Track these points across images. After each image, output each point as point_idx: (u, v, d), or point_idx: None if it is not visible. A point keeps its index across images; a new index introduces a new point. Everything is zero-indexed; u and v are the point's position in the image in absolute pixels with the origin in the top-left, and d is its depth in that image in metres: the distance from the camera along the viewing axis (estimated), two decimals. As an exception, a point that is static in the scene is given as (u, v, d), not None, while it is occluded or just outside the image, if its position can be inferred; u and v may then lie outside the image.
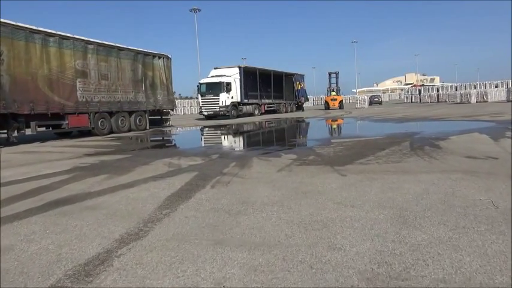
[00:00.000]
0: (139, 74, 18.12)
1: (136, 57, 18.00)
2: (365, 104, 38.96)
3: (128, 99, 17.30)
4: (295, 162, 6.41)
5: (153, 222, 3.38)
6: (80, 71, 14.78)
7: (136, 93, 17.90)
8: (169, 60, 20.54)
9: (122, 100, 16.91)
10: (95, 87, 15.46)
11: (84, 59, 15.01)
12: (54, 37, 13.65)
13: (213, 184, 4.91)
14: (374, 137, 9.91)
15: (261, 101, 32.07)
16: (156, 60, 19.45)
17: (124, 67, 17.13)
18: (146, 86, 18.51)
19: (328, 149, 8.07)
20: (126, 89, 17.16)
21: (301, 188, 4.45)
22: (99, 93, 15.74)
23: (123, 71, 17.06)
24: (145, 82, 18.50)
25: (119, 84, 16.78)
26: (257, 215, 3.45)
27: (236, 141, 12.13)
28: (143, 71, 18.35)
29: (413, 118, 17.59)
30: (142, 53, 18.45)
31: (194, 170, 6.05)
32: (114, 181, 5.44)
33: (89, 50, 15.28)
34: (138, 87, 17.98)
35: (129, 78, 17.45)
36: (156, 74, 19.46)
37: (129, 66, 17.44)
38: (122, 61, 17.06)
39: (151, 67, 18.98)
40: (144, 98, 18.37)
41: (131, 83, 17.57)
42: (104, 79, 15.99)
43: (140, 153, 9.02)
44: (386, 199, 3.78)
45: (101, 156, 8.62)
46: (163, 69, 20.03)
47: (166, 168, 6.47)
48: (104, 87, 16.01)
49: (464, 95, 37.75)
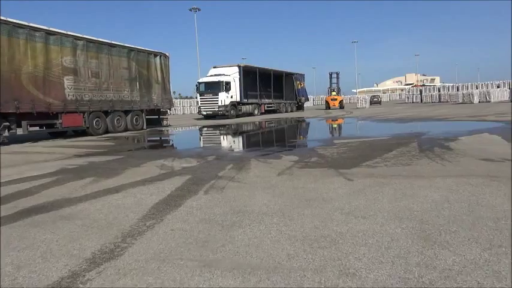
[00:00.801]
0: (133, 72, 17.46)
1: (130, 55, 17.33)
2: (366, 104, 38.49)
3: (120, 98, 16.61)
4: (297, 165, 5.95)
5: (134, 236, 2.91)
6: (68, 68, 14.08)
7: (130, 92, 17.24)
8: (166, 59, 20.04)
9: (114, 99, 16.25)
10: (85, 86, 14.79)
11: (72, 56, 14.28)
12: (39, 32, 12.96)
13: (206, 189, 4.45)
14: (379, 138, 9.45)
15: (261, 100, 31.58)
16: (152, 58, 18.87)
17: (116, 64, 16.44)
18: (141, 85, 17.87)
19: (332, 150, 7.60)
20: (118, 87, 16.50)
21: (304, 195, 3.99)
22: (90, 92, 15.08)
23: (115, 68, 16.37)
24: (140, 80, 17.86)
25: (111, 82, 16.12)
26: (254, 228, 2.98)
27: (235, 142, 11.66)
28: (137, 69, 17.68)
29: (417, 118, 17.13)
30: (136, 50, 17.79)
31: (187, 173, 5.59)
32: (99, 185, 4.98)
33: (78, 46, 14.55)
34: (131, 85, 17.31)
35: (122, 76, 16.77)
36: (152, 72, 18.87)
37: (121, 63, 16.76)
38: (114, 58, 16.36)
39: (146, 65, 18.36)
40: (138, 97, 17.69)
41: (124, 81, 16.91)
42: (94, 77, 15.33)
43: (133, 154, 8.56)
44: (401, 209, 3.32)
45: (91, 157, 8.16)
46: (161, 67, 19.46)
47: (157, 170, 6.01)
48: (95, 86, 15.33)
49: (466, 95, 37.24)
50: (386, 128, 13.65)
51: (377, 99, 54.81)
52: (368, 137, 9.83)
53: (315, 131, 14.93)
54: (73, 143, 12.54)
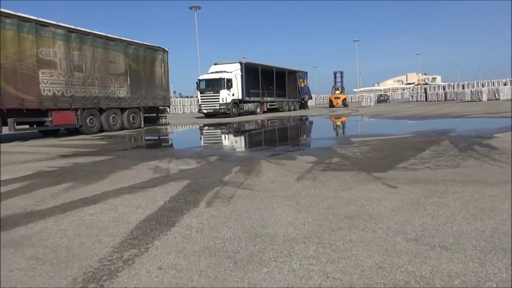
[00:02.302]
0: (122, 66, 15.98)
1: (119, 47, 15.84)
2: (371, 102, 37.46)
3: (107, 94, 15.13)
4: (317, 167, 4.94)
5: (99, 281, 1.90)
6: (44, 60, 12.49)
7: (118, 88, 15.77)
8: (165, 54, 18.98)
9: (100, 95, 14.77)
10: (66, 80, 13.26)
11: (51, 47, 12.73)
12: (11, 19, 11.50)
13: (209, 200, 3.45)
14: (400, 135, 8.44)
15: (263, 98, 30.52)
16: (148, 52, 17.63)
17: (103, 58, 14.96)
18: (132, 80, 16.43)
19: (352, 149, 6.60)
20: (104, 82, 15.08)
21: (340, 209, 2.98)
22: (72, 87, 13.54)
23: (101, 62, 14.90)
24: (131, 76, 16.38)
25: (97, 77, 14.74)
26: (284, 267, 1.98)
27: (239, 141, 10.64)
28: (128, 63, 16.24)
29: (432, 115, 16.09)
30: (125, 42, 16.29)
31: (186, 178, 4.59)
32: (75, 193, 3.98)
33: (57, 37, 12.97)
34: (120, 81, 15.86)
35: (109, 71, 15.27)
36: (147, 67, 17.56)
37: (109, 57, 15.31)
38: (100, 51, 14.86)
39: (139, 59, 17.01)
40: (128, 93, 16.22)
41: (112, 76, 15.43)
42: (77, 71, 13.90)
43: (125, 155, 7.56)
44: (492, 232, 2.31)
45: (77, 158, 7.16)
46: (158, 63, 18.32)
47: (150, 174, 5.01)
48: (78, 80, 13.83)
49: (475, 92, 36.19)
50: (404, 125, 12.62)
51: (384, 98, 54.60)
52: (388, 134, 8.82)
53: (326, 129, 13.88)
54: (63, 142, 11.55)
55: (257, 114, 28.61)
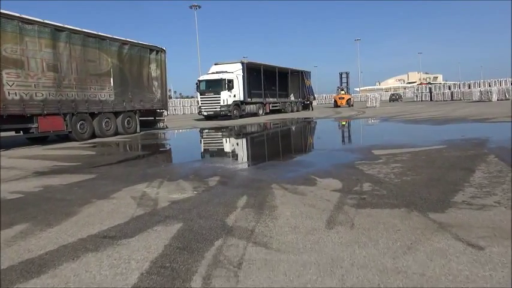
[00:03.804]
0: (104, 65, 14.33)
1: (100, 45, 14.15)
2: (376, 102, 36.19)
3: (86, 97, 13.46)
4: (348, 199, 3.81)
5: None
6: (9, 59, 10.87)
7: (100, 90, 14.11)
8: (161, 54, 17.81)
9: (78, 98, 13.11)
10: (35, 82, 11.59)
11: (18, 44, 11.07)
12: None
13: (207, 271, 2.31)
14: (430, 147, 7.29)
15: (266, 99, 29.38)
16: (134, 50, 15.94)
17: (81, 56, 13.30)
18: (115, 82, 14.76)
19: (380, 167, 5.46)
20: (83, 84, 13.48)
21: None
22: (44, 89, 11.89)
23: (79, 61, 13.24)
24: (115, 76, 14.75)
25: (74, 78, 13.12)
26: None
27: (242, 151, 9.47)
28: (111, 63, 14.62)
29: (449, 119, 14.91)
30: (108, 39, 14.57)
31: (177, 217, 3.46)
32: (21, 250, 2.85)
33: (26, 32, 11.32)
34: (101, 82, 14.22)
35: (88, 71, 13.60)
36: (136, 67, 15.96)
37: (88, 55, 13.62)
38: (78, 48, 13.17)
39: (126, 58, 15.40)
40: (111, 96, 14.59)
41: (92, 77, 13.80)
42: (51, 71, 12.29)
43: (109, 172, 6.42)
44: None
45: (52, 177, 6.04)
46: (152, 62, 17.00)
47: (132, 208, 3.88)
48: (52, 82, 12.16)
49: (484, 92, 34.94)
50: (425, 132, 11.42)
51: (395, 97, 54.59)
52: (414, 145, 7.67)
53: (337, 135, 12.69)
54: (47, 151, 10.43)
55: (259, 116, 27.48)
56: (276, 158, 7.82)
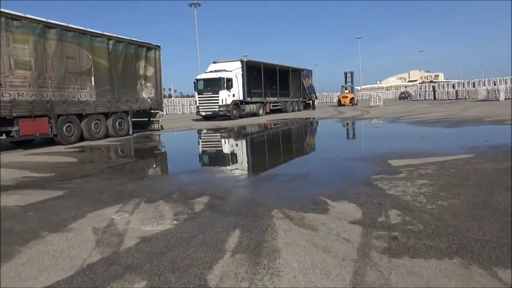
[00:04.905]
0: (84, 63, 13.03)
1: (80, 40, 12.82)
2: (380, 102, 35.16)
3: (64, 97, 12.17)
4: (375, 239, 2.85)
5: None
6: None
7: (79, 90, 12.80)
8: (156, 51, 16.81)
9: (54, 99, 11.82)
10: (2, 80, 10.43)
11: None
12: None
13: None
14: (454, 156, 6.32)
15: (266, 99, 28.37)
16: (120, 46, 14.60)
17: (58, 52, 11.99)
18: (97, 80, 13.46)
19: (403, 184, 4.50)
20: (60, 83, 12.21)
21: None
22: (12, 89, 10.64)
23: (56, 57, 11.94)
24: (97, 75, 13.44)
25: (50, 76, 11.87)
26: None
27: (239, 160, 8.47)
28: (92, 60, 13.29)
29: (463, 120, 13.90)
30: (89, 34, 13.23)
31: (141, 270, 2.50)
32: None
33: None
34: (81, 81, 12.91)
35: (66, 69, 12.29)
36: (122, 64, 14.62)
37: (66, 51, 12.32)
38: (54, 44, 11.86)
39: (111, 55, 14.12)
40: (92, 96, 13.27)
41: (71, 75, 12.48)
42: (21, 68, 11.04)
43: (81, 188, 5.45)
44: None
45: (14, 195, 5.10)
46: (143, 60, 15.89)
47: (88, 248, 2.93)
48: (21, 81, 10.94)
49: (491, 91, 33.89)
50: (441, 135, 10.37)
51: (405, 95, 54.30)
52: (435, 153, 6.70)
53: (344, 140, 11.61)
54: (26, 157, 9.50)
55: (260, 115, 26.50)
56: (277, 169, 6.85)
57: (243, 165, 7.68)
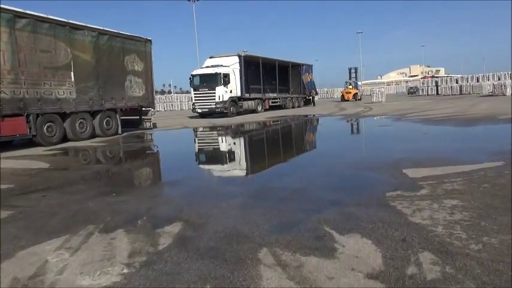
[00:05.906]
0: (62, 57, 11.95)
1: (57, 32, 11.74)
2: (382, 97, 34.10)
3: (39, 95, 11.16)
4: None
5: None
6: None
7: (57, 86, 11.77)
8: (146, 45, 15.86)
9: (28, 96, 10.82)
10: None
11: None
12: None
13: None
14: (480, 164, 5.34)
15: (265, 95, 27.37)
16: (104, 39, 13.60)
17: (31, 46, 10.95)
18: (77, 76, 12.39)
19: (429, 207, 3.54)
20: (35, 79, 11.14)
21: None
22: None
23: (29, 51, 10.88)
24: (76, 70, 12.38)
25: (22, 71, 10.63)
26: None
27: (228, 169, 7.43)
28: (71, 53, 12.21)
29: (474, 118, 12.89)
30: (68, 25, 12.15)
31: None
32: None
33: None
34: (59, 77, 11.86)
35: (41, 64, 11.28)
36: (106, 59, 13.68)
37: (41, 44, 11.27)
38: (26, 36, 10.81)
39: (94, 49, 13.12)
40: (71, 93, 12.23)
41: (47, 70, 11.48)
42: None
43: (32, 207, 4.49)
44: None
45: None
46: (132, 54, 14.89)
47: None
48: None
49: (498, 86, 32.79)
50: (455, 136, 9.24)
51: (413, 90, 54.08)
52: (457, 160, 5.73)
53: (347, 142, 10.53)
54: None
55: (258, 112, 25.53)
56: (272, 180, 5.87)
57: (233, 174, 6.70)
